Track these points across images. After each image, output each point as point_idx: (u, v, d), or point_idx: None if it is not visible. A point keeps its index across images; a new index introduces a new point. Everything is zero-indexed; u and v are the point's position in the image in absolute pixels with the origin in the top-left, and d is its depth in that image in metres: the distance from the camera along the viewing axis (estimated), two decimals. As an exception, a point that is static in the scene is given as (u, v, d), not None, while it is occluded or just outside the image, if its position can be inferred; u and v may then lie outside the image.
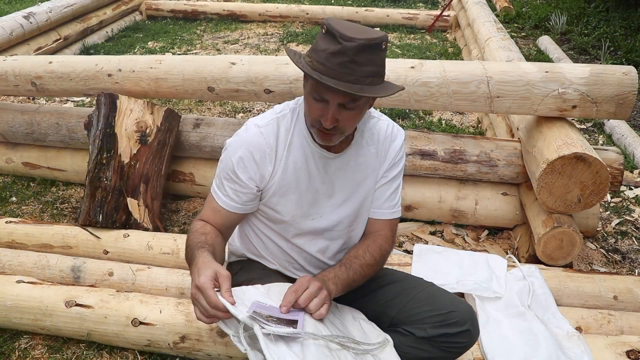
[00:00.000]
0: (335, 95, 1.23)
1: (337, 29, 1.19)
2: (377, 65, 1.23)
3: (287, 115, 1.43)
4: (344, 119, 1.27)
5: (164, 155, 2.55)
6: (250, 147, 1.38)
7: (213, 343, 1.75)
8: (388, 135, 1.49)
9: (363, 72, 1.21)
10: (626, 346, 1.69)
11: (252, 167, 1.39)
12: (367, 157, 1.47)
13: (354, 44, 1.18)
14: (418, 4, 7.31)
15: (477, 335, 1.45)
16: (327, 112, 1.25)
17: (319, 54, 1.22)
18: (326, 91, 1.23)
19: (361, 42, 1.18)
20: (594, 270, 2.32)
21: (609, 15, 6.24)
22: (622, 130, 3.52)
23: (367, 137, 1.47)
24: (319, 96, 1.25)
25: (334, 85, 1.18)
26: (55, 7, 4.88)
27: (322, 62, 1.21)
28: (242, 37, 5.82)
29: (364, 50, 1.19)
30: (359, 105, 1.27)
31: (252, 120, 1.43)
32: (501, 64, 2.34)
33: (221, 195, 1.42)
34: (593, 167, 1.99)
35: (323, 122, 1.26)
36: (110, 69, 2.61)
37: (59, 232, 2.30)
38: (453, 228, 2.60)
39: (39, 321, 1.87)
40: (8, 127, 2.91)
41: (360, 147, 1.46)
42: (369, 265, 1.43)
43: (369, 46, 1.19)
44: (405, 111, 3.83)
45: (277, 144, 1.40)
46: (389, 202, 1.52)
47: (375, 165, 1.48)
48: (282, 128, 1.41)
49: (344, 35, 1.18)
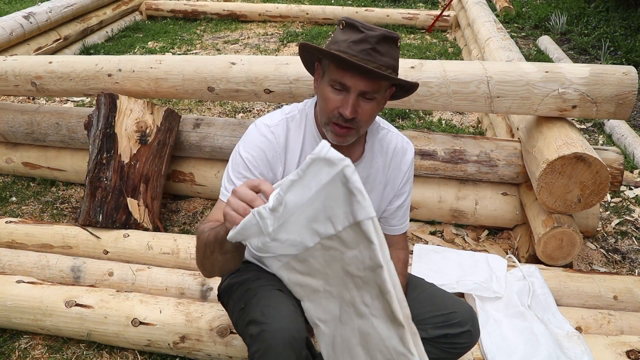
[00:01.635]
0: (358, 82, 1.23)
1: (357, 22, 1.25)
2: (394, 59, 1.27)
3: (297, 116, 1.42)
4: (362, 111, 1.27)
5: (164, 155, 2.55)
6: (262, 145, 1.37)
7: (213, 343, 1.75)
8: (399, 150, 1.48)
9: (383, 61, 1.23)
10: (626, 346, 1.69)
11: (264, 165, 1.37)
12: (375, 169, 1.47)
13: (376, 33, 1.22)
14: (418, 4, 7.31)
15: (478, 336, 1.45)
16: (348, 101, 1.25)
17: (340, 44, 1.24)
18: (349, 78, 1.23)
19: (382, 33, 1.23)
20: (594, 270, 2.32)
21: (609, 15, 6.24)
22: (622, 130, 3.52)
23: (376, 149, 1.46)
24: (339, 85, 1.25)
25: (361, 63, 1.19)
26: (55, 7, 4.88)
27: (344, 50, 1.23)
28: (242, 37, 5.82)
29: (384, 40, 1.23)
30: (377, 98, 1.28)
31: (260, 120, 1.41)
32: (501, 64, 2.34)
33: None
34: (593, 167, 1.99)
35: (343, 112, 1.25)
36: (110, 69, 2.61)
37: (59, 232, 2.30)
38: (453, 228, 2.60)
39: (39, 321, 1.87)
40: (8, 127, 2.91)
41: (372, 159, 1.46)
42: (403, 286, 1.46)
43: (390, 37, 1.24)
44: (405, 111, 3.83)
45: (287, 144, 1.39)
46: (403, 217, 1.56)
47: (382, 178, 1.48)
48: (292, 129, 1.40)
49: (366, 25, 1.24)
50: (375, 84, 1.25)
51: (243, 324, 1.34)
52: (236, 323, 1.44)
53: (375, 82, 1.24)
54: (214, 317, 1.78)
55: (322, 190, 0.93)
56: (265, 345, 1.21)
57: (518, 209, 2.48)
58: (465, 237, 2.55)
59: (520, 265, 2.07)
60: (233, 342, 1.73)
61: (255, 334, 1.25)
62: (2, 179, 3.06)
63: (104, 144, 2.42)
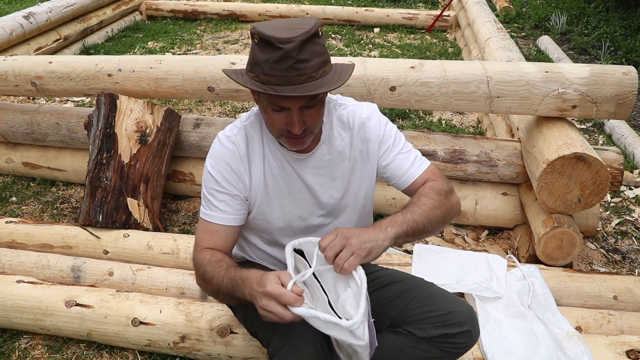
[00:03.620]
0: (295, 101, 1.20)
1: (270, 35, 1.15)
2: (320, 54, 1.20)
3: (255, 122, 1.41)
4: (310, 118, 1.26)
5: (164, 155, 2.55)
6: (226, 157, 1.38)
7: (213, 343, 1.75)
8: (360, 118, 1.44)
9: (311, 67, 1.17)
10: (626, 346, 1.69)
11: (232, 177, 1.38)
12: (342, 147, 1.44)
13: (294, 44, 1.13)
14: (418, 4, 7.31)
15: (478, 336, 1.44)
16: (293, 119, 1.23)
17: (262, 65, 1.17)
18: (285, 100, 1.20)
19: (300, 39, 1.14)
20: (594, 270, 2.32)
21: (609, 15, 6.25)
22: (622, 130, 3.52)
23: (337, 127, 1.44)
24: (278, 107, 1.22)
25: (291, 93, 1.15)
26: (55, 7, 4.88)
27: (268, 73, 1.17)
28: (242, 37, 5.82)
29: (304, 45, 1.15)
30: (320, 100, 1.26)
31: (221, 132, 1.42)
32: (501, 64, 2.34)
33: (213, 213, 1.39)
34: (593, 167, 1.99)
35: (292, 129, 1.24)
36: (110, 69, 2.61)
37: (59, 232, 2.30)
38: (453, 228, 2.60)
39: (39, 321, 1.87)
40: (8, 127, 2.91)
41: (332, 139, 1.43)
42: (427, 198, 1.36)
43: (308, 39, 1.16)
44: (405, 111, 3.83)
45: (248, 151, 1.39)
46: (408, 163, 1.46)
47: (355, 152, 1.45)
48: (252, 136, 1.40)
49: (280, 39, 1.14)
50: (312, 95, 1.21)
51: (259, 321, 1.34)
52: (249, 319, 1.48)
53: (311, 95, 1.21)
54: (214, 317, 1.78)
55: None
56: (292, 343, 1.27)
57: (518, 209, 2.48)
58: (465, 237, 2.55)
59: (520, 265, 2.07)
60: (233, 341, 1.73)
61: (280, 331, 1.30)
62: (2, 179, 3.06)
63: (104, 144, 2.42)
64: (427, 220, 1.33)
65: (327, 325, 1.12)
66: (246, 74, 1.25)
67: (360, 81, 2.33)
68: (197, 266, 1.36)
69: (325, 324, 1.12)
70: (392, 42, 5.59)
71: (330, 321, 1.11)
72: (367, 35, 5.85)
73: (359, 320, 1.12)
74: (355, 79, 2.32)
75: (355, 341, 1.14)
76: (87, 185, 2.40)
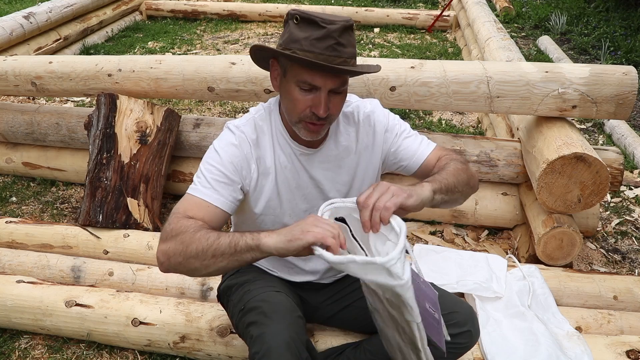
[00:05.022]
0: (328, 81, 1.21)
1: (314, 15, 1.19)
2: (354, 46, 1.24)
3: (264, 116, 1.41)
4: (334, 106, 1.27)
5: (164, 155, 2.55)
6: (233, 146, 1.37)
7: (213, 343, 1.75)
8: (364, 112, 1.46)
9: (347, 53, 1.21)
10: (626, 346, 1.69)
11: (238, 162, 1.36)
12: (348, 142, 1.45)
13: (337, 26, 1.18)
14: (418, 4, 7.31)
15: (478, 336, 1.45)
16: (320, 101, 1.23)
17: (302, 42, 1.19)
18: (319, 78, 1.21)
19: (342, 24, 1.19)
20: (594, 270, 2.32)
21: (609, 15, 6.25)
22: (622, 130, 3.52)
23: (343, 123, 1.45)
24: (308, 85, 1.23)
25: (331, 62, 1.17)
26: (55, 7, 4.88)
27: (307, 49, 1.18)
28: (242, 37, 5.82)
29: (345, 31, 1.20)
30: (344, 90, 1.28)
31: (230, 122, 1.42)
32: (501, 64, 2.34)
33: (206, 190, 1.32)
34: (593, 167, 1.99)
35: (317, 112, 1.24)
36: (110, 69, 2.61)
37: (59, 232, 2.30)
38: (453, 228, 2.60)
39: (39, 321, 1.87)
40: (8, 127, 2.91)
41: (338, 135, 1.44)
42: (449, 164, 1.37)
43: (349, 27, 1.21)
44: (405, 111, 3.83)
45: (258, 143, 1.39)
46: (417, 143, 1.47)
47: (361, 147, 1.46)
48: (261, 128, 1.40)
49: (325, 19, 1.18)
50: (344, 79, 1.24)
51: (243, 326, 1.34)
52: (236, 324, 1.44)
53: (343, 77, 1.24)
54: (214, 317, 1.78)
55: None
56: (265, 347, 1.21)
57: (518, 209, 2.48)
58: (465, 237, 2.55)
59: (520, 265, 2.07)
60: (233, 342, 1.73)
61: (255, 335, 1.25)
62: (2, 179, 3.06)
63: (104, 144, 2.42)
64: (457, 180, 1.34)
65: (364, 269, 1.05)
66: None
67: (360, 81, 2.33)
68: (175, 231, 1.21)
69: (363, 267, 1.06)
70: (392, 42, 5.59)
71: (367, 262, 1.04)
72: (367, 35, 5.85)
73: (396, 256, 1.03)
74: (355, 79, 2.32)
75: (394, 281, 1.04)
76: (87, 185, 2.40)
